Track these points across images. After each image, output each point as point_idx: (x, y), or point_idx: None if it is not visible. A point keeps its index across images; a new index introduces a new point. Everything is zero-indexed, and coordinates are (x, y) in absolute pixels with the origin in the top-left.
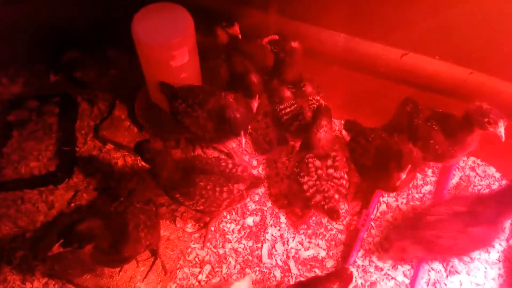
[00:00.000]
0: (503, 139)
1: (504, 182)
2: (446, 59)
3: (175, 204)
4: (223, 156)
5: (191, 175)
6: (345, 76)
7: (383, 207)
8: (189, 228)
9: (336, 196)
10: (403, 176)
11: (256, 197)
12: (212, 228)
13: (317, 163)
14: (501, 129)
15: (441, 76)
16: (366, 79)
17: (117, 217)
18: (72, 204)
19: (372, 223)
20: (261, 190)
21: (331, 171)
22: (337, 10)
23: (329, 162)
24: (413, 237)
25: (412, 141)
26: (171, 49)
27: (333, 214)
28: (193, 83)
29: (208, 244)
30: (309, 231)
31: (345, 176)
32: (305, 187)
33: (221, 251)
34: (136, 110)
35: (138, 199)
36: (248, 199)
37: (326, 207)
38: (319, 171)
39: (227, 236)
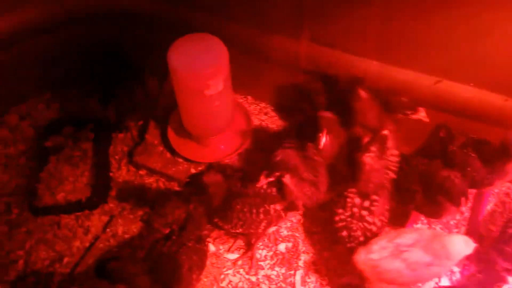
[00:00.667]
0: None
1: None
2: (480, 86)
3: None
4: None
5: (227, 198)
6: None
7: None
8: (225, 252)
9: (361, 238)
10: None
11: (289, 224)
12: (256, 253)
13: (356, 200)
14: None
15: (475, 103)
16: None
17: (167, 258)
18: (108, 230)
19: None
20: (294, 217)
21: (365, 213)
22: (369, 37)
23: (367, 203)
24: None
25: (448, 167)
26: (205, 78)
27: (349, 254)
28: (226, 112)
29: (241, 270)
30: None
31: (378, 223)
32: (337, 218)
33: (253, 278)
34: (168, 136)
35: (189, 236)
36: (281, 225)
37: (348, 245)
38: (355, 209)
39: (259, 262)
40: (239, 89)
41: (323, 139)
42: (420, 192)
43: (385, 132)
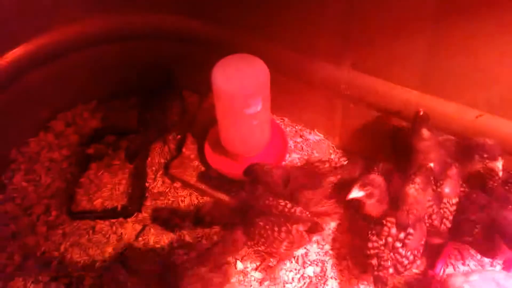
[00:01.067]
0: None
1: None
2: None
3: None
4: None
5: (251, 215)
6: None
7: (450, 269)
8: (252, 270)
9: (391, 270)
10: None
11: (318, 247)
12: (281, 274)
13: (393, 230)
14: None
15: None
16: None
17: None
18: (140, 238)
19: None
20: (324, 240)
21: (398, 244)
22: (412, 67)
23: (402, 235)
24: None
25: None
26: (246, 98)
27: (377, 283)
28: (263, 132)
29: None
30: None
31: (410, 257)
32: (369, 245)
33: None
34: (205, 151)
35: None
36: (310, 248)
37: (375, 273)
38: (389, 239)
39: (286, 284)
40: (277, 110)
41: (354, 193)
42: (480, 225)
43: (431, 165)
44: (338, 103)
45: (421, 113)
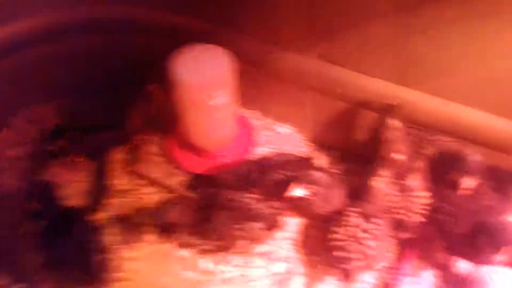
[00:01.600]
0: None
1: None
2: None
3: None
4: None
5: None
6: None
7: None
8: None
9: (357, 263)
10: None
11: (287, 243)
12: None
13: (357, 220)
14: None
15: (484, 128)
16: None
17: None
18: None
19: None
20: (293, 235)
21: (365, 235)
22: (379, 55)
23: (369, 226)
24: None
25: None
26: (210, 89)
27: (344, 278)
28: (229, 125)
29: None
30: (341, 283)
31: (378, 249)
32: (333, 237)
33: None
34: (168, 147)
35: None
36: (278, 244)
37: (341, 266)
38: (354, 230)
39: (253, 283)
40: (247, 103)
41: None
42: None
43: (398, 156)
44: (308, 95)
45: (391, 104)
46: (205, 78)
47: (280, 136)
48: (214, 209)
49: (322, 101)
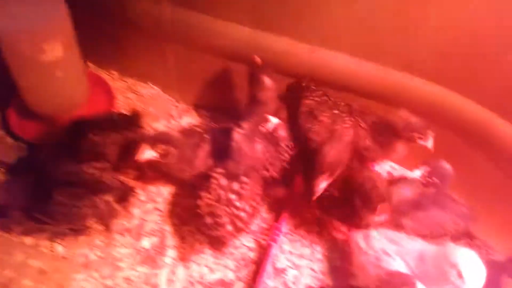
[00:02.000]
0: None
1: None
2: (357, 55)
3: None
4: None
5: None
6: None
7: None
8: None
9: (229, 227)
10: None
11: (156, 215)
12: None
13: (223, 182)
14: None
15: (352, 73)
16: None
17: None
18: None
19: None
20: (163, 206)
21: (233, 196)
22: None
23: (236, 185)
24: None
25: None
26: (39, 41)
27: (217, 245)
28: (73, 85)
29: (95, 274)
30: (215, 251)
31: (249, 210)
32: (201, 203)
33: (109, 282)
34: (10, 120)
35: None
36: (147, 217)
37: (211, 233)
38: (221, 192)
39: (118, 263)
40: (102, 63)
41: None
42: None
43: (269, 117)
44: (168, 48)
45: (258, 61)
46: (31, 27)
47: (143, 98)
48: (53, 186)
49: (186, 54)
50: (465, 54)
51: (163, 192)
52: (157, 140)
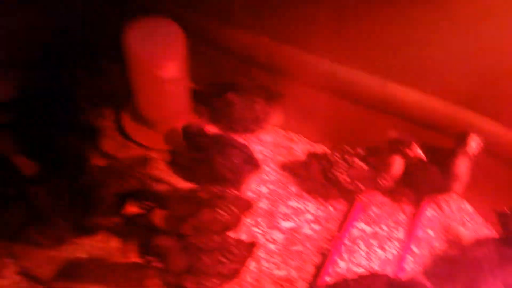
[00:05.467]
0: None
1: None
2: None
3: None
4: None
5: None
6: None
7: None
8: None
9: None
10: None
11: None
12: None
13: None
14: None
15: (420, 107)
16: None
17: None
18: None
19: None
20: None
21: None
22: (321, 34)
23: None
24: None
25: None
26: (161, 60)
27: None
28: (180, 99)
29: None
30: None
31: None
32: None
33: None
34: (122, 122)
35: None
36: None
37: None
38: None
39: None
40: (200, 79)
41: None
42: None
43: None
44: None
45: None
46: (156, 49)
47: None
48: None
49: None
50: None
51: None
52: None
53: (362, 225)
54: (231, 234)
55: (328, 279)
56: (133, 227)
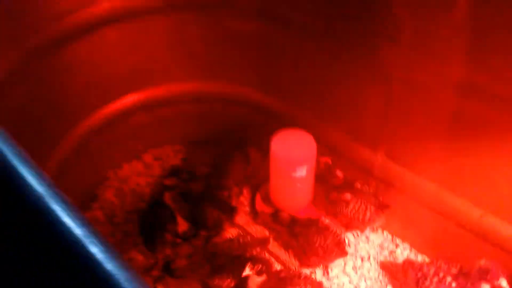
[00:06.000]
0: None
1: None
2: None
3: None
4: None
5: None
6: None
7: None
8: None
9: None
10: None
11: None
12: None
13: None
14: None
15: None
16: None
17: None
18: None
19: None
20: None
21: None
22: (434, 163)
23: None
24: None
25: None
26: (294, 164)
27: None
28: (305, 194)
29: None
30: None
31: None
32: None
33: None
34: (256, 201)
35: None
36: None
37: None
38: None
39: None
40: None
41: None
42: None
43: None
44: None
45: None
46: (292, 155)
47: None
48: None
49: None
50: None
51: None
52: None
53: None
54: None
55: None
56: None
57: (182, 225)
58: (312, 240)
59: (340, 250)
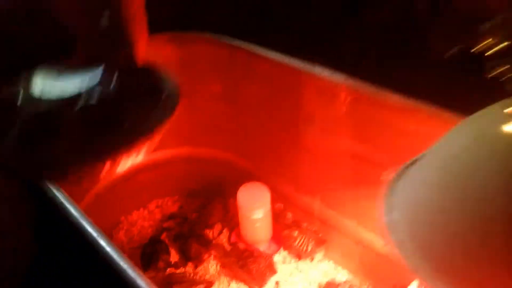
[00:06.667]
0: None
1: None
2: None
3: None
4: None
5: None
6: None
7: None
8: None
9: None
10: None
11: None
12: None
13: None
14: None
15: None
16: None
17: None
18: None
19: None
20: None
21: None
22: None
23: None
24: None
25: None
26: (253, 208)
27: None
28: (264, 230)
29: None
30: None
31: None
32: None
33: None
34: (231, 237)
35: None
36: None
37: None
38: None
39: None
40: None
41: None
42: None
43: None
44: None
45: None
46: (251, 201)
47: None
48: None
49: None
50: None
51: None
52: None
53: None
54: None
55: None
56: None
57: (174, 257)
58: (249, 268)
59: (271, 271)
